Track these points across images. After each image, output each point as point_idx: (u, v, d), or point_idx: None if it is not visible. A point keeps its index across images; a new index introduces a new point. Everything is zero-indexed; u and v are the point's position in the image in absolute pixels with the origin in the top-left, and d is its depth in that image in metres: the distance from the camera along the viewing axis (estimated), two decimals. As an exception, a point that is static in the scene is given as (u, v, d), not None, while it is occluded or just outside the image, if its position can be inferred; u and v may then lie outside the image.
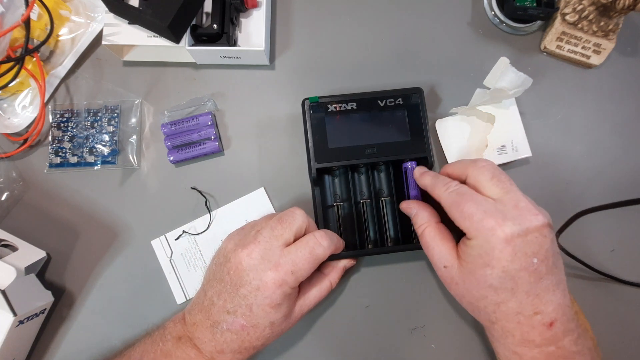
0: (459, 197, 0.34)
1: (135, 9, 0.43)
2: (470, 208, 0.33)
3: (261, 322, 0.36)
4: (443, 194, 0.36)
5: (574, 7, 0.47)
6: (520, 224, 0.31)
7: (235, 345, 0.37)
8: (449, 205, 0.35)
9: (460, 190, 0.35)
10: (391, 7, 0.51)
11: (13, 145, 0.48)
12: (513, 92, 0.44)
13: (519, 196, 0.33)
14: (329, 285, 0.42)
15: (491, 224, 0.32)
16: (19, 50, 0.46)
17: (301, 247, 0.37)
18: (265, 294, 0.35)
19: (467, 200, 0.33)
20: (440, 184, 0.37)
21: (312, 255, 0.37)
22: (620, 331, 0.44)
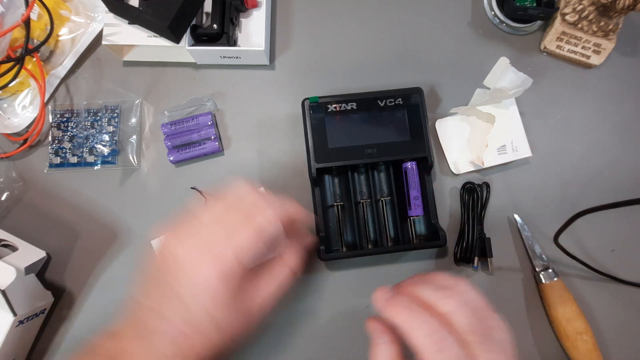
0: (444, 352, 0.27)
1: (135, 9, 0.43)
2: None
3: (206, 326, 0.30)
4: (428, 349, 0.28)
5: (574, 7, 0.47)
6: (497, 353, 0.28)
7: (178, 347, 0.30)
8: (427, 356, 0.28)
9: (446, 343, 0.28)
10: (391, 7, 0.51)
11: (13, 145, 0.48)
12: (513, 92, 0.44)
13: (488, 321, 0.30)
14: (290, 272, 0.35)
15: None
16: (19, 50, 0.46)
17: (245, 228, 0.31)
18: (206, 290, 0.30)
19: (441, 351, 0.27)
20: (421, 330, 0.28)
21: (259, 235, 0.31)
22: (621, 331, 0.44)
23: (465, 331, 0.28)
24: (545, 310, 0.44)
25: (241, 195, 0.33)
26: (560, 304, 0.42)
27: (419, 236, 0.45)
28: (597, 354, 0.42)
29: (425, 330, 0.28)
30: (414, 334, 0.28)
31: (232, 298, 0.31)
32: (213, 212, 0.32)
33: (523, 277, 0.45)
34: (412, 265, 0.46)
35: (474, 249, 0.44)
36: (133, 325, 0.31)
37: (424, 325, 0.28)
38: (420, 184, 0.44)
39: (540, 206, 0.47)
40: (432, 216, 0.44)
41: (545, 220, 0.46)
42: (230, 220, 0.32)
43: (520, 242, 0.46)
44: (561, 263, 0.45)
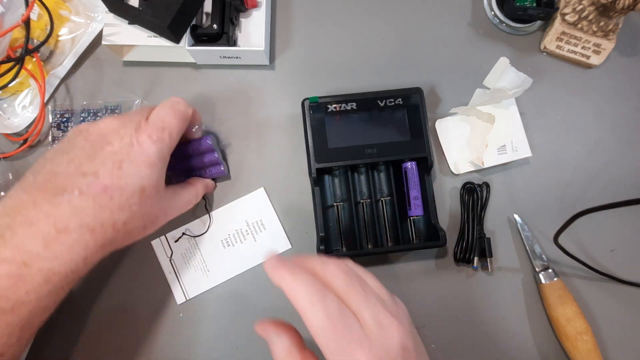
0: (330, 322, 0.26)
1: (135, 9, 0.43)
2: (336, 341, 0.26)
3: (131, 184, 0.30)
4: (310, 312, 0.27)
5: (574, 7, 0.47)
6: (386, 348, 0.27)
7: (88, 216, 0.29)
8: (316, 330, 0.26)
9: (331, 307, 0.27)
10: (391, 7, 0.51)
11: (13, 145, 0.48)
12: (513, 92, 0.44)
13: (375, 305, 0.28)
14: (195, 193, 0.41)
15: (360, 358, 0.26)
16: (19, 50, 0.46)
17: (160, 107, 0.35)
18: (140, 149, 0.31)
19: (337, 328, 0.26)
20: (305, 292, 0.27)
21: (175, 110, 0.35)
22: (621, 331, 0.44)
23: (345, 290, 0.28)
24: (545, 310, 0.44)
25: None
26: (560, 304, 0.42)
27: (419, 236, 0.45)
28: (597, 354, 0.42)
29: (305, 288, 0.27)
30: (297, 294, 0.28)
31: (159, 163, 0.32)
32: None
33: (523, 277, 0.45)
34: (412, 265, 0.46)
35: (474, 249, 0.44)
36: (28, 193, 0.30)
37: (304, 284, 0.28)
38: (420, 184, 0.44)
39: (540, 206, 0.47)
40: (432, 216, 0.44)
41: (545, 220, 0.46)
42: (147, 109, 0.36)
43: (520, 242, 0.46)
44: (561, 263, 0.45)
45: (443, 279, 0.45)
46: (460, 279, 0.45)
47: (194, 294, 0.45)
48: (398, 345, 0.27)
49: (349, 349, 0.26)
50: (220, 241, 0.46)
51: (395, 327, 0.28)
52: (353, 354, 0.26)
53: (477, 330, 0.44)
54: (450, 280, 0.45)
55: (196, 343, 0.44)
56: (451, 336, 0.44)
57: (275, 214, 0.46)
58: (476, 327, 0.45)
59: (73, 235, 0.29)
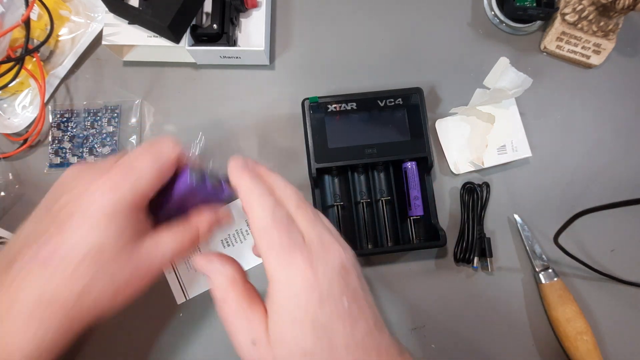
0: (275, 223, 0.26)
1: (135, 9, 0.43)
2: (277, 240, 0.26)
3: (78, 245, 0.25)
4: (258, 210, 0.27)
5: (574, 7, 0.47)
6: (325, 261, 0.26)
7: (32, 292, 0.24)
8: (260, 229, 0.26)
9: (278, 213, 0.27)
10: (391, 7, 0.51)
11: (13, 145, 0.48)
12: (513, 92, 0.44)
13: (322, 229, 0.28)
14: (195, 230, 0.31)
15: (296, 263, 0.25)
16: (19, 50, 0.46)
17: (138, 149, 0.29)
18: (91, 199, 0.26)
19: (281, 230, 0.26)
20: (257, 194, 0.28)
21: (152, 151, 0.28)
22: (621, 331, 0.44)
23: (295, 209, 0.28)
24: (545, 310, 0.44)
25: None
26: (560, 304, 0.42)
27: (418, 236, 0.45)
28: (597, 354, 0.42)
29: (259, 193, 0.28)
30: (250, 195, 0.28)
31: (117, 217, 0.26)
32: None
33: (523, 277, 0.45)
34: (412, 265, 0.46)
35: (474, 249, 0.44)
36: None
37: (259, 189, 0.28)
38: (420, 184, 0.44)
39: (540, 206, 0.47)
40: (432, 216, 0.44)
41: (545, 220, 0.46)
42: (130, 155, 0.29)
43: (520, 242, 0.46)
44: (561, 263, 0.45)
45: (443, 279, 0.45)
46: (460, 279, 0.45)
47: (194, 294, 0.45)
48: (338, 263, 0.26)
49: (289, 251, 0.26)
50: (220, 241, 0.46)
51: (337, 249, 0.27)
52: (292, 255, 0.25)
53: (477, 331, 0.44)
54: (450, 280, 0.45)
55: (196, 343, 0.44)
56: (451, 336, 0.44)
57: (275, 214, 0.46)
58: (476, 327, 0.45)
59: (18, 321, 0.24)
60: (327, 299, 0.25)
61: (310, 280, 0.25)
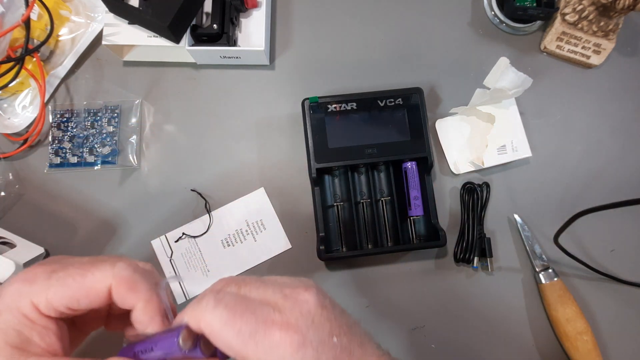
0: (232, 309, 0.24)
1: (135, 9, 0.43)
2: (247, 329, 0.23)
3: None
4: (211, 312, 0.24)
5: (574, 7, 0.47)
6: (301, 313, 0.25)
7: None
8: (224, 327, 0.24)
9: (228, 300, 0.24)
10: (391, 7, 0.51)
11: (13, 145, 0.48)
12: (513, 92, 0.44)
13: (276, 285, 0.26)
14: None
15: (276, 336, 0.24)
16: (19, 50, 0.46)
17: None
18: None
19: (245, 311, 0.24)
20: (195, 303, 0.25)
21: (59, 280, 0.24)
22: (621, 331, 0.44)
23: (239, 287, 0.26)
24: (545, 310, 0.44)
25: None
26: (560, 304, 0.42)
27: (419, 236, 0.45)
28: (597, 354, 0.42)
29: (197, 300, 0.25)
30: (196, 314, 0.25)
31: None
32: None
33: (523, 277, 0.45)
34: (412, 265, 0.46)
35: (474, 249, 0.44)
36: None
37: (196, 303, 0.25)
38: (420, 184, 0.44)
39: (540, 206, 0.47)
40: (432, 216, 0.44)
41: (545, 220, 0.46)
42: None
43: (520, 242, 0.46)
44: (561, 263, 0.45)
45: (443, 279, 0.45)
46: (460, 279, 0.45)
47: (194, 294, 0.45)
48: (312, 305, 0.25)
49: (262, 330, 0.24)
50: (220, 241, 0.46)
51: (304, 291, 0.26)
52: (268, 334, 0.24)
53: (477, 331, 0.44)
54: (450, 280, 0.45)
55: (196, 343, 0.44)
56: (451, 336, 0.44)
57: (275, 214, 0.46)
58: (476, 327, 0.45)
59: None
60: (320, 348, 0.24)
61: (297, 341, 0.24)
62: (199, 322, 0.24)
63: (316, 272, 0.46)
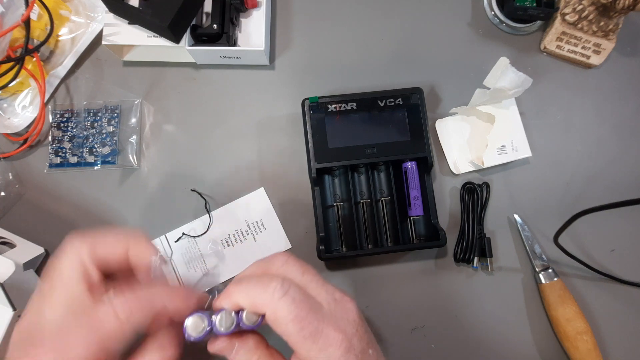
0: (299, 310, 0.26)
1: (135, 9, 0.43)
2: (308, 328, 0.26)
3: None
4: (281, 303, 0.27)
5: (574, 7, 0.47)
6: (347, 320, 0.28)
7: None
8: (287, 324, 0.26)
9: (294, 294, 0.27)
10: (391, 7, 0.51)
11: (13, 145, 0.48)
12: (513, 92, 0.44)
13: (330, 287, 0.30)
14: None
15: (330, 337, 0.27)
16: (19, 50, 0.46)
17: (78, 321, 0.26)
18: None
19: (307, 314, 0.27)
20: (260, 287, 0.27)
21: (93, 334, 0.25)
22: (621, 331, 0.44)
23: (301, 279, 0.29)
24: (545, 310, 0.44)
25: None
26: (560, 304, 0.42)
27: (419, 236, 0.45)
28: (597, 354, 0.42)
29: (262, 285, 0.27)
30: (256, 295, 0.27)
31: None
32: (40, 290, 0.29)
33: (523, 277, 0.45)
34: (412, 265, 0.46)
35: (474, 249, 0.44)
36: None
37: (259, 283, 0.28)
38: (420, 184, 0.44)
39: (540, 206, 0.47)
40: (432, 216, 0.44)
41: (545, 220, 0.46)
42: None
43: (520, 242, 0.46)
44: (561, 263, 0.45)
45: (443, 279, 0.45)
46: (460, 279, 0.45)
47: (194, 294, 0.45)
48: (356, 315, 0.29)
49: (322, 331, 0.27)
50: (220, 241, 0.46)
51: (349, 301, 0.30)
52: (325, 334, 0.27)
53: (477, 330, 0.44)
54: (450, 280, 0.45)
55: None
56: (451, 336, 0.44)
57: (275, 214, 0.46)
58: (476, 327, 0.45)
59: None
60: (361, 356, 0.27)
61: (345, 345, 0.27)
62: (263, 306, 0.27)
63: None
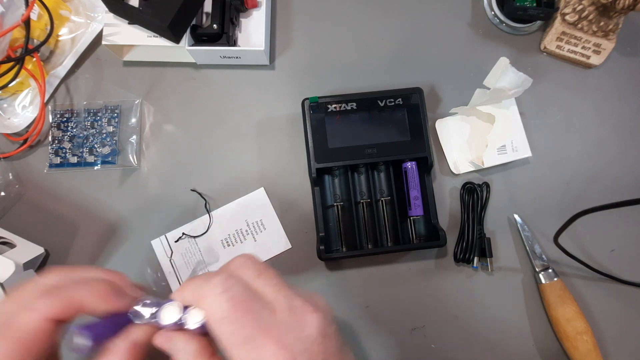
0: (235, 310, 0.23)
1: (135, 9, 0.43)
2: (241, 333, 0.23)
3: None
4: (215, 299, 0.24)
5: (574, 7, 0.47)
6: (299, 334, 0.24)
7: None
8: (218, 323, 0.23)
9: (235, 292, 0.24)
10: (391, 7, 0.51)
11: (13, 145, 0.48)
12: (513, 92, 0.44)
13: (289, 293, 0.25)
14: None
15: (268, 350, 0.23)
16: (19, 50, 0.46)
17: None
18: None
19: (244, 316, 0.23)
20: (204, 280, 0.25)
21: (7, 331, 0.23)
22: (621, 331, 0.44)
23: (255, 278, 0.26)
24: (545, 310, 0.44)
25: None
26: (560, 304, 0.42)
27: (419, 236, 0.45)
28: (597, 354, 0.42)
29: (206, 278, 0.25)
30: (198, 289, 0.25)
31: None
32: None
33: (523, 277, 0.45)
34: (412, 265, 0.46)
35: (474, 249, 0.44)
36: None
37: (205, 277, 0.25)
38: (420, 184, 0.44)
39: (540, 206, 0.47)
40: (432, 216, 0.44)
41: (545, 220, 0.46)
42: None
43: (520, 242, 0.46)
44: (561, 263, 0.45)
45: (443, 279, 0.45)
46: (460, 279, 0.45)
47: (194, 294, 0.45)
48: (316, 331, 0.24)
49: (257, 340, 0.23)
50: (220, 241, 0.46)
51: (312, 312, 0.25)
52: (261, 345, 0.23)
53: (477, 330, 0.44)
54: (450, 280, 0.45)
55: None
56: (451, 336, 0.44)
57: (275, 214, 0.46)
58: (476, 327, 0.45)
59: None
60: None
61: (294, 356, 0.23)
62: (200, 300, 0.24)
63: (316, 272, 0.46)
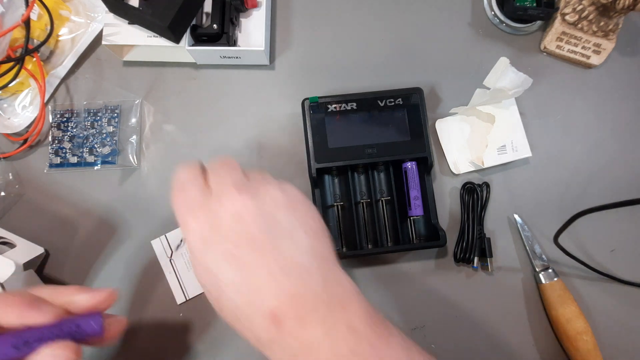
0: (185, 184, 0.30)
1: (135, 9, 0.43)
2: (183, 201, 0.30)
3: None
4: (176, 176, 0.31)
5: (574, 7, 0.47)
6: (216, 213, 0.28)
7: None
8: (173, 190, 0.31)
9: (190, 173, 0.31)
10: (391, 7, 0.51)
11: (13, 145, 0.48)
12: (513, 92, 0.44)
13: (227, 180, 0.30)
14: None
15: (197, 218, 0.28)
16: (19, 50, 0.46)
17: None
18: None
19: (189, 191, 0.30)
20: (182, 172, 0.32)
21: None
22: (621, 331, 0.44)
23: (213, 168, 0.31)
24: (545, 310, 0.44)
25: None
26: (560, 304, 0.42)
27: (419, 236, 0.45)
28: (597, 354, 0.42)
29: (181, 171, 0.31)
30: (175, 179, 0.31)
31: None
32: None
33: (523, 277, 0.45)
34: (412, 265, 0.46)
35: (474, 249, 0.44)
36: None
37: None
38: (420, 184, 0.44)
39: (540, 206, 0.47)
40: (432, 216, 0.44)
41: (545, 220, 0.46)
42: None
43: (520, 242, 0.46)
44: (561, 263, 0.45)
45: (443, 279, 0.45)
46: (460, 279, 0.45)
47: (194, 294, 0.45)
48: (228, 213, 0.28)
49: (185, 214, 0.29)
50: (220, 241, 0.46)
51: (229, 196, 0.28)
52: (185, 218, 0.29)
53: (477, 330, 0.44)
54: (450, 280, 0.45)
55: (196, 343, 0.44)
56: (451, 336, 0.44)
57: (275, 214, 0.46)
58: (476, 327, 0.45)
59: None
60: (212, 245, 0.28)
61: (203, 232, 0.28)
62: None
63: (316, 272, 0.46)
